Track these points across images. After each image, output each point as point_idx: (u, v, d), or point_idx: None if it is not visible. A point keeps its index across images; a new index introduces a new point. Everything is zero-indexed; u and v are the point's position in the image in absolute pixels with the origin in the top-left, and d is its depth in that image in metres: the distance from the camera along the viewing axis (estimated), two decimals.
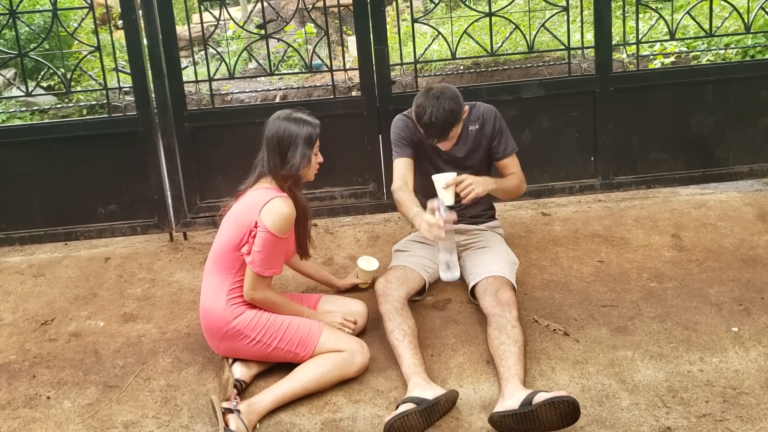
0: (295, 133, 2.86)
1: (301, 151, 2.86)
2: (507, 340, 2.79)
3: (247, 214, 2.81)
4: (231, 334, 2.82)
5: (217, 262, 2.89)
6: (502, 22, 4.51)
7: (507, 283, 3.08)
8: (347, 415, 2.70)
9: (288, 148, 2.85)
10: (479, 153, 3.33)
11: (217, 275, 2.87)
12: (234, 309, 2.82)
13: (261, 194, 2.83)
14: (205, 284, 2.92)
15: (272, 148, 2.87)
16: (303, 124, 2.89)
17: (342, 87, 5.19)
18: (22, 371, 3.09)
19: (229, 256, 2.84)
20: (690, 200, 4.16)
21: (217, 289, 2.85)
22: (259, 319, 2.83)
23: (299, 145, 2.86)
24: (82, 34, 8.71)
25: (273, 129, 2.89)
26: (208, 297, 2.87)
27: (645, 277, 3.45)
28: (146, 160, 4.09)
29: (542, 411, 2.43)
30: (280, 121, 2.90)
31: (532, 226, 4.00)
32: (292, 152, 2.85)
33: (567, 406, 2.43)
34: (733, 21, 5.38)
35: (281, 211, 2.78)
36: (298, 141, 2.86)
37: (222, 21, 4.13)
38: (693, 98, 4.19)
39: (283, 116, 2.92)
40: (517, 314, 2.92)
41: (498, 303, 2.96)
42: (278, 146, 2.86)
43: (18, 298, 3.67)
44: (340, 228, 4.18)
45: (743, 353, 2.87)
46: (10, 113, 7.35)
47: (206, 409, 2.78)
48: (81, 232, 4.20)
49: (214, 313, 2.83)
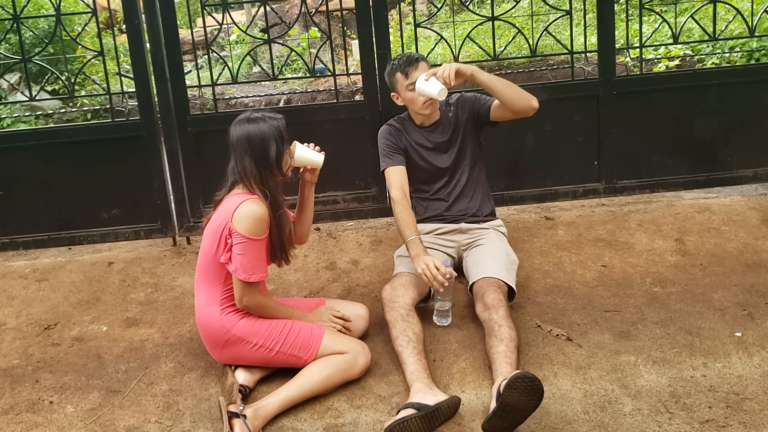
0: (263, 130, 2.79)
1: (275, 145, 2.79)
2: (495, 342, 2.80)
3: (220, 223, 2.78)
4: (232, 342, 2.82)
5: (203, 274, 2.88)
6: (505, 26, 4.50)
7: (494, 284, 3.06)
8: (349, 420, 2.70)
9: (259, 146, 2.78)
10: (463, 133, 3.42)
11: (207, 287, 2.86)
12: (231, 317, 2.82)
13: (232, 200, 2.79)
14: (197, 297, 2.91)
15: (242, 152, 2.79)
16: (268, 120, 2.82)
17: (346, 91, 5.19)
18: (25, 376, 3.10)
19: (212, 267, 2.83)
20: (694, 204, 4.15)
21: (209, 301, 2.84)
22: (260, 324, 2.82)
23: (270, 140, 2.79)
24: (86, 38, 8.73)
25: (238, 133, 2.81)
26: (202, 309, 2.86)
27: (648, 282, 3.44)
28: (149, 164, 4.09)
29: (508, 398, 2.43)
30: (243, 125, 2.82)
31: (535, 231, 3.99)
32: (263, 150, 2.78)
33: (523, 382, 2.42)
34: (738, 24, 5.36)
35: (252, 213, 2.73)
36: (268, 136, 2.79)
37: (225, 25, 4.14)
38: (697, 102, 4.18)
39: (244, 119, 2.84)
40: (504, 312, 2.89)
41: (485, 307, 2.96)
42: (249, 147, 2.78)
43: (21, 303, 3.67)
44: (342, 232, 4.18)
45: (747, 358, 2.86)
46: (14, 118, 7.38)
47: (208, 413, 2.78)
48: (84, 237, 4.21)
49: (211, 324, 2.83)
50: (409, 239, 3.10)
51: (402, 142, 3.40)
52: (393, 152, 3.37)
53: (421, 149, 3.41)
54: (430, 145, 3.40)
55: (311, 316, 2.98)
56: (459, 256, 3.43)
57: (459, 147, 3.41)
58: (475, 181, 3.47)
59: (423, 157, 3.40)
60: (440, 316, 3.19)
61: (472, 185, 3.46)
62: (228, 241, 2.75)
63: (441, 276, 2.92)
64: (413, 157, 3.41)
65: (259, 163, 2.79)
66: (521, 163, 4.24)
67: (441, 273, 2.92)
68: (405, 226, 3.16)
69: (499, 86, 3.15)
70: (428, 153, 3.41)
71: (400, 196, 3.25)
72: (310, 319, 2.96)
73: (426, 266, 2.94)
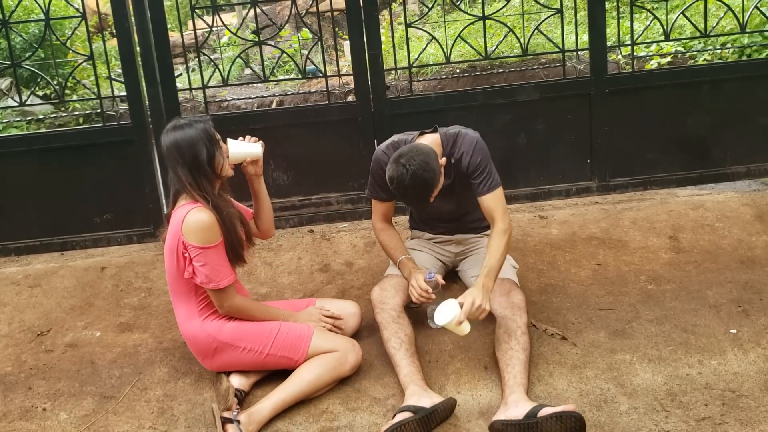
0: (189, 136, 2.72)
1: (204, 148, 2.73)
2: (516, 347, 2.76)
3: (173, 239, 2.76)
4: (220, 349, 2.81)
5: (175, 291, 2.87)
6: (496, 26, 4.50)
7: (516, 287, 3.04)
8: (344, 423, 2.69)
9: (189, 152, 2.71)
10: (465, 181, 3.09)
11: (182, 303, 2.86)
12: (214, 324, 2.82)
13: (178, 213, 2.74)
14: (177, 314, 2.89)
15: (175, 161, 2.74)
16: (193, 125, 2.75)
17: (338, 92, 5.18)
18: (18, 383, 3.08)
19: (180, 283, 2.81)
20: (687, 201, 4.15)
21: (188, 315, 2.84)
22: (246, 327, 2.83)
23: (198, 143, 2.72)
24: (76, 42, 8.69)
25: (167, 142, 2.75)
26: (184, 323, 2.86)
27: (643, 280, 3.44)
28: (141, 168, 4.08)
29: (547, 424, 2.41)
30: (170, 133, 2.75)
31: (528, 230, 3.99)
32: (193, 155, 2.72)
33: (573, 422, 2.41)
34: (729, 20, 5.36)
35: (199, 222, 2.68)
36: (195, 141, 2.72)
37: (216, 27, 4.12)
38: (689, 99, 4.19)
39: (170, 128, 2.78)
40: (527, 320, 2.87)
41: (510, 305, 2.90)
42: (178, 156, 2.73)
43: (14, 309, 3.65)
44: (336, 234, 4.16)
45: (742, 355, 2.86)
46: (5, 123, 7.34)
47: (203, 418, 2.77)
48: (77, 242, 4.19)
49: (197, 336, 2.83)
50: (399, 260, 3.10)
51: None
52: (383, 186, 3.07)
53: None
54: None
55: (301, 317, 2.97)
56: (453, 264, 3.40)
57: (458, 192, 3.14)
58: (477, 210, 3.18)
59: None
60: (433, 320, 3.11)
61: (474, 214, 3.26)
62: (185, 255, 2.73)
63: (425, 293, 2.89)
64: None
65: (192, 170, 2.73)
66: (514, 162, 4.23)
67: (423, 289, 2.89)
68: (392, 250, 3.17)
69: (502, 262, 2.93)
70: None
71: (382, 226, 3.22)
72: (300, 319, 2.95)
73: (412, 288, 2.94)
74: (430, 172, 2.79)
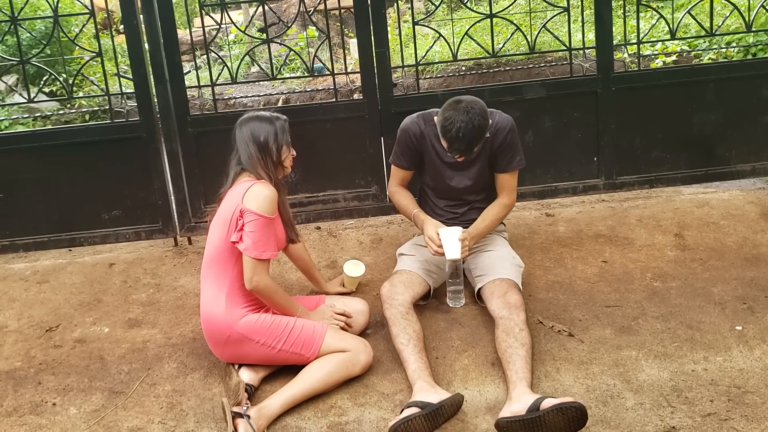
0: (268, 125, 3.01)
1: (280, 137, 3.00)
2: (515, 343, 2.79)
3: (231, 207, 2.88)
4: (235, 339, 2.82)
5: (211, 263, 2.91)
6: (503, 23, 4.51)
7: (515, 286, 3.07)
8: (353, 418, 2.71)
9: (266, 138, 2.98)
10: (483, 159, 3.26)
11: (214, 278, 2.89)
12: (235, 312, 2.83)
13: (241, 186, 2.92)
14: (203, 291, 2.92)
15: (249, 141, 2.99)
16: (274, 120, 3.03)
17: (344, 90, 5.19)
18: (27, 378, 3.10)
19: (222, 252, 2.87)
20: (693, 199, 4.16)
21: (215, 293, 2.86)
22: (263, 321, 2.83)
23: (276, 133, 3.00)
24: (84, 39, 8.73)
25: (245, 129, 3.02)
26: (208, 303, 2.88)
27: (649, 277, 3.45)
28: (149, 165, 4.09)
29: (550, 417, 2.43)
30: (249, 122, 3.03)
31: (535, 227, 4.00)
32: (270, 140, 2.98)
33: (575, 412, 2.43)
34: (735, 19, 5.37)
35: (264, 193, 2.86)
36: (273, 130, 3.00)
37: (224, 25, 4.14)
38: (695, 97, 4.19)
39: (251, 117, 3.06)
40: (525, 317, 2.91)
41: (506, 305, 2.95)
42: (254, 141, 2.98)
43: (23, 305, 3.68)
44: (343, 231, 4.18)
45: (747, 352, 2.87)
46: (13, 120, 7.37)
47: (212, 413, 2.79)
48: (85, 238, 4.21)
49: (216, 319, 2.84)
50: (413, 214, 3.31)
51: (422, 147, 3.28)
52: (407, 156, 3.34)
53: (440, 163, 3.29)
54: (447, 159, 3.25)
55: (313, 316, 3.00)
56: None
57: (474, 169, 3.28)
58: (488, 199, 3.37)
59: (439, 170, 3.30)
60: (453, 298, 3.24)
61: (485, 202, 3.37)
62: (239, 221, 2.83)
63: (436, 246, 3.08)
64: (429, 166, 3.33)
65: (263, 151, 2.97)
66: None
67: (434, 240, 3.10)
68: (406, 206, 3.38)
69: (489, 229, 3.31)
70: (443, 165, 3.28)
71: (394, 188, 3.43)
72: (313, 318, 2.97)
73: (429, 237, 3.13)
74: (486, 120, 3.02)
